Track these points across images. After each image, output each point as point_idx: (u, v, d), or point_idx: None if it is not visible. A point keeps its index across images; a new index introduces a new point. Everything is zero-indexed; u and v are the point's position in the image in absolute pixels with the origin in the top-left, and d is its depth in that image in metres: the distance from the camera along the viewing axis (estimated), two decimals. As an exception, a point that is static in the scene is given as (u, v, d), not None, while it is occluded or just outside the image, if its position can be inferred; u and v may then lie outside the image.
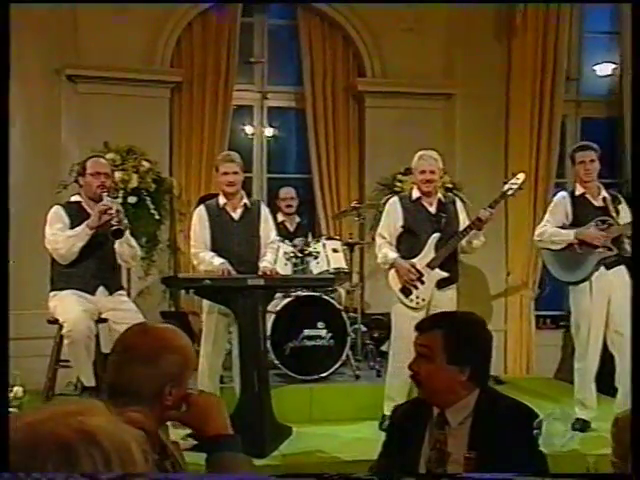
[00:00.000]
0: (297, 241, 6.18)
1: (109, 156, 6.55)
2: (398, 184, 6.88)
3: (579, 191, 5.59)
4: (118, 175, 6.50)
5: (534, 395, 5.95)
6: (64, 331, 4.81)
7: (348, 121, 7.44)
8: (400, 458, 2.58)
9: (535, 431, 2.57)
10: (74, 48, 6.82)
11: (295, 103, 7.64)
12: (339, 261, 6.14)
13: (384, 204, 6.01)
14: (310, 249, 6.12)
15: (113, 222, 4.76)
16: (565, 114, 7.73)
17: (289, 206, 6.85)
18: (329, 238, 6.47)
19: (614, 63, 8.08)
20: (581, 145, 5.77)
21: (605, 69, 8.15)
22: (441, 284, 5.36)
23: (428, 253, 5.33)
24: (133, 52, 6.92)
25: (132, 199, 6.46)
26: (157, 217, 6.61)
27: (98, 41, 6.81)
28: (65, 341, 4.86)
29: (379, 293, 6.57)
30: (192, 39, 7.15)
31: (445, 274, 5.35)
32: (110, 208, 4.79)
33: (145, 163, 6.65)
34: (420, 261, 5.33)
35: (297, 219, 6.95)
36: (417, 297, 5.34)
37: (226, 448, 2.02)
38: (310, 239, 6.49)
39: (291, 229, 6.69)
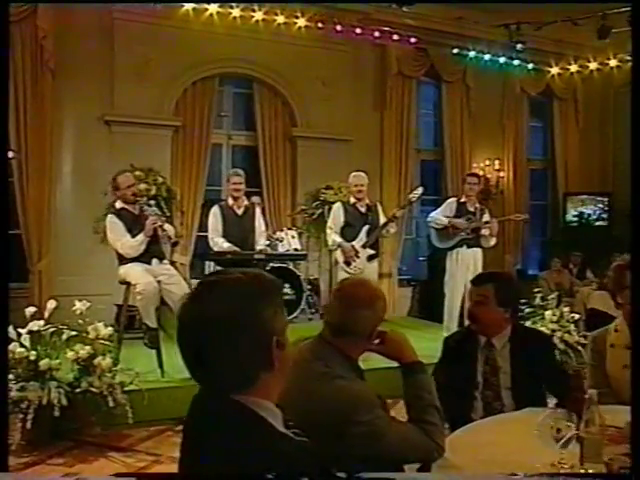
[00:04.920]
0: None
1: (137, 173, 6.33)
2: (322, 195, 7.10)
3: (462, 200, 6.02)
4: (143, 186, 6.30)
5: (401, 326, 6.12)
6: (138, 289, 4.47)
7: (285, 155, 7.51)
8: (460, 369, 2.45)
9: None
10: (110, 101, 6.63)
11: (250, 143, 7.60)
12: (297, 244, 6.22)
13: (315, 207, 6.11)
14: (277, 236, 6.13)
15: (170, 235, 4.59)
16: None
17: None
18: (289, 229, 6.54)
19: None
20: (471, 173, 6.21)
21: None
22: (370, 258, 5.52)
23: (362, 238, 5.48)
24: (149, 105, 6.79)
25: (152, 202, 6.18)
26: (168, 214, 6.41)
27: (126, 96, 6.66)
28: (137, 297, 4.53)
29: (313, 265, 6.71)
30: (186, 99, 7.09)
31: (372, 252, 5.53)
32: (156, 223, 4.57)
33: (160, 178, 6.62)
34: (356, 243, 5.47)
35: (260, 217, 6.94)
36: (355, 266, 5.46)
37: (419, 371, 1.84)
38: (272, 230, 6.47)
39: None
